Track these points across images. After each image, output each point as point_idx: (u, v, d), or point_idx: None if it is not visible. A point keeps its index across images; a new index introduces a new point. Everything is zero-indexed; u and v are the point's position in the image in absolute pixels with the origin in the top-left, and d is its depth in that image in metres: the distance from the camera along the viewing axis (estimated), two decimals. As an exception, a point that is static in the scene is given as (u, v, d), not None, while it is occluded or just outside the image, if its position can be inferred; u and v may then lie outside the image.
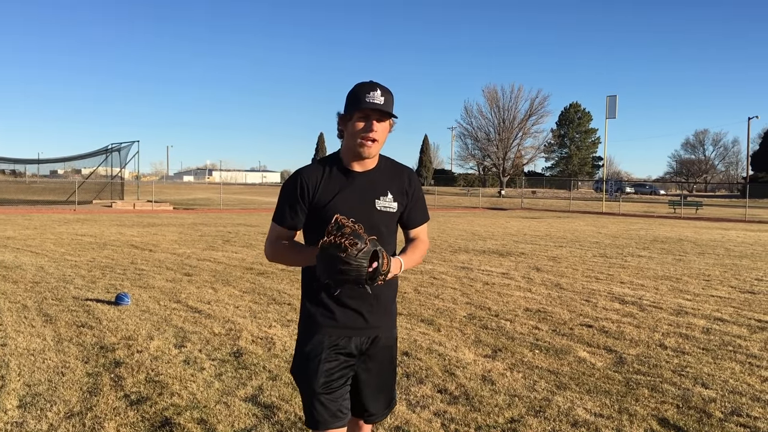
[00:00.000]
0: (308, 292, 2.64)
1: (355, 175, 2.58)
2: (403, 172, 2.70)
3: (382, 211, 2.58)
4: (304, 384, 2.59)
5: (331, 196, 2.54)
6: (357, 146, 2.52)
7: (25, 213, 27.08)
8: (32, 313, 7.10)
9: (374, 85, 2.49)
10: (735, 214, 36.80)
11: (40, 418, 4.12)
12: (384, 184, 2.62)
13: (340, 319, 2.58)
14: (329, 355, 2.56)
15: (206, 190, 68.56)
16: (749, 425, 4.19)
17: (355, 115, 2.50)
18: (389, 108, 2.51)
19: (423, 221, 2.77)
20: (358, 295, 2.54)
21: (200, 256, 12.54)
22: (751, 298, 8.80)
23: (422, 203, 2.76)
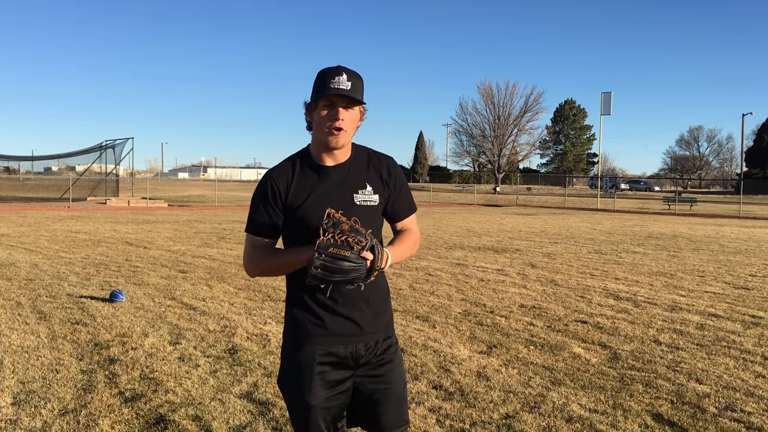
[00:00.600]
0: (294, 298, 2.44)
1: (328, 171, 2.38)
2: (382, 161, 2.48)
3: (362, 206, 2.37)
4: (296, 398, 2.38)
5: (305, 196, 2.35)
6: (324, 137, 2.31)
7: (19, 210, 27.00)
8: (26, 310, 7.08)
9: (339, 70, 2.28)
10: (729, 211, 36.92)
11: (34, 415, 4.11)
12: (361, 177, 2.41)
13: (331, 327, 2.36)
14: (322, 366, 2.35)
15: (201, 187, 68.46)
16: (743, 420, 4.21)
17: (320, 103, 2.30)
18: (357, 94, 2.30)
19: (409, 212, 2.54)
20: (348, 300, 2.35)
21: (195, 253, 12.52)
22: (745, 294, 8.84)
23: (407, 193, 2.53)
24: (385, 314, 2.49)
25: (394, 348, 2.50)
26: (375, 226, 2.40)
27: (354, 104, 2.31)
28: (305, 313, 2.39)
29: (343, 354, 2.36)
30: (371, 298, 2.40)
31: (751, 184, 58.11)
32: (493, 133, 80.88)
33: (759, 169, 78.03)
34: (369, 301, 2.40)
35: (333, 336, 2.36)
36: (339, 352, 2.36)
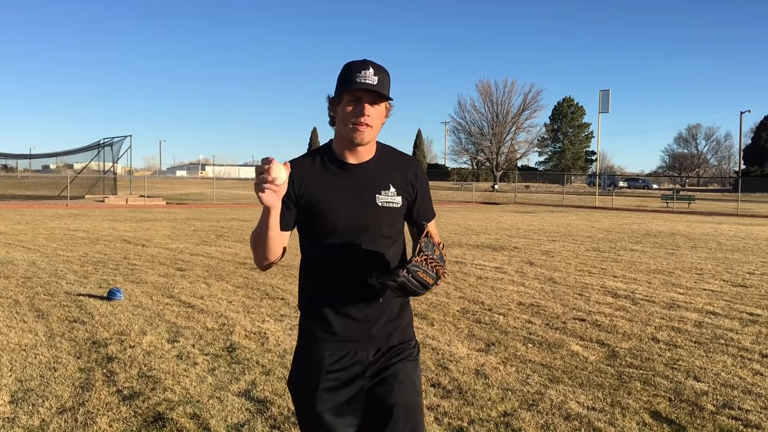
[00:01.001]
0: (305, 303, 2.36)
1: (350, 168, 2.27)
2: (408, 162, 2.38)
3: (384, 207, 2.27)
4: (303, 403, 2.30)
5: (323, 193, 2.24)
6: (348, 133, 2.21)
7: (17, 208, 26.96)
8: (24, 308, 7.07)
9: (366, 63, 2.18)
10: (727, 208, 36.94)
11: (31, 413, 4.10)
12: (385, 177, 2.29)
13: (341, 331, 2.27)
14: (331, 372, 2.26)
15: (199, 184, 68.40)
16: (741, 418, 4.21)
17: (344, 98, 2.19)
18: (384, 89, 2.19)
19: (432, 217, 2.44)
20: (362, 305, 2.26)
21: (193, 251, 12.51)
22: (743, 292, 8.85)
23: (429, 198, 2.45)
24: (401, 318, 2.37)
25: (409, 353, 2.37)
26: (397, 229, 2.34)
27: (380, 100, 2.21)
28: (316, 317, 2.31)
29: (353, 359, 2.27)
30: (389, 302, 2.31)
31: (749, 182, 58.13)
32: (491, 131, 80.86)
33: (757, 166, 78.19)
34: (386, 305, 2.31)
35: (344, 341, 2.28)
36: (349, 358, 2.27)
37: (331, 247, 2.27)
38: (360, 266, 2.24)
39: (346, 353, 2.28)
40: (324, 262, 2.30)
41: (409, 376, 2.34)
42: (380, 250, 2.28)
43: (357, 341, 2.28)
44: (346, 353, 2.28)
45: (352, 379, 2.27)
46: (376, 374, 2.30)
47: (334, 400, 2.25)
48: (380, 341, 2.30)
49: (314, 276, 2.33)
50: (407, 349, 2.37)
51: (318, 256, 2.32)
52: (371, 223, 2.25)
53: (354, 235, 2.25)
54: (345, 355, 2.28)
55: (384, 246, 2.29)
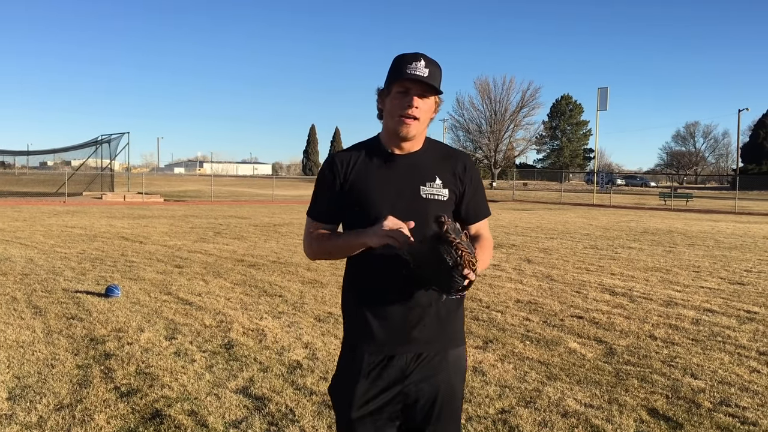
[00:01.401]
0: (345, 300, 2.31)
1: (396, 158, 2.21)
2: (457, 156, 2.30)
3: (429, 199, 2.18)
4: (340, 407, 2.24)
5: (367, 183, 2.19)
6: (395, 125, 2.15)
7: (15, 205, 26.92)
8: (21, 305, 7.07)
9: (418, 56, 2.13)
10: (725, 206, 37.00)
11: (29, 410, 4.10)
12: (431, 169, 2.22)
13: (379, 335, 2.18)
14: (369, 377, 2.18)
15: (197, 182, 68.32)
16: (738, 415, 4.22)
17: (393, 89, 2.14)
18: (434, 82, 2.12)
19: (485, 215, 2.37)
20: (403, 302, 2.17)
21: (191, 248, 12.50)
22: (740, 289, 8.86)
23: (482, 194, 2.34)
24: (449, 324, 2.26)
25: (455, 360, 2.27)
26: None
27: (430, 92, 2.15)
28: (356, 319, 2.25)
29: (393, 364, 2.19)
30: (435, 305, 2.20)
31: (747, 180, 58.19)
32: (489, 129, 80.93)
33: (755, 164, 78.29)
34: (434, 310, 2.20)
35: (383, 344, 2.19)
36: (388, 362, 2.19)
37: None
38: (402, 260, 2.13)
39: (385, 357, 2.19)
40: (365, 256, 2.21)
41: (450, 389, 2.25)
42: None
43: (397, 344, 2.19)
44: (385, 357, 2.19)
45: (390, 384, 2.19)
46: (416, 382, 2.20)
47: (371, 406, 2.18)
48: (422, 346, 2.20)
49: (356, 274, 2.27)
50: (453, 357, 2.27)
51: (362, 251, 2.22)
52: (415, 215, 2.13)
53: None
54: (383, 360, 2.19)
55: None
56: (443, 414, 2.23)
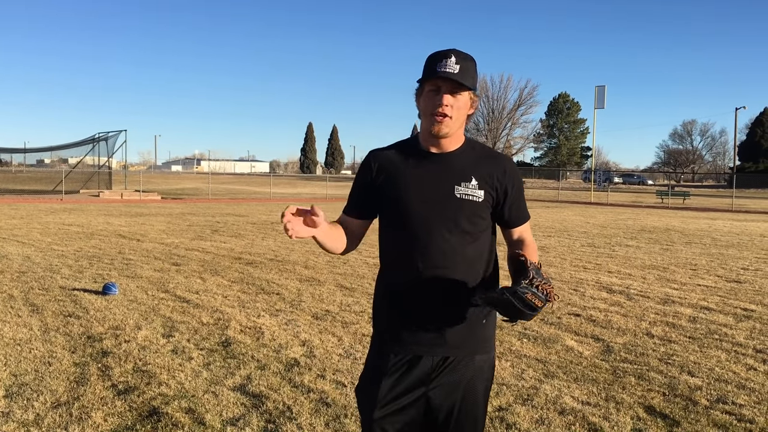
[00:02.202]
0: (376, 299, 2.31)
1: (432, 157, 2.18)
2: (498, 157, 2.25)
3: (463, 199, 2.14)
4: (364, 407, 2.24)
5: (400, 179, 2.18)
6: (428, 124, 2.13)
7: (12, 202, 26.87)
8: (18, 302, 7.05)
9: (449, 53, 2.10)
10: (722, 204, 37.06)
11: (26, 407, 4.09)
12: (467, 169, 2.17)
13: (406, 335, 2.17)
14: (392, 377, 2.17)
15: (194, 179, 68.24)
16: (734, 412, 4.23)
17: (425, 88, 2.13)
18: (466, 78, 2.09)
19: (525, 219, 2.31)
20: (432, 303, 2.16)
21: (188, 246, 12.49)
22: (737, 287, 8.88)
23: (522, 198, 2.31)
24: (479, 329, 2.23)
25: (481, 366, 2.25)
26: (479, 227, 2.20)
27: (461, 89, 2.11)
28: (381, 318, 2.26)
29: (418, 365, 2.17)
30: (460, 302, 2.17)
31: (744, 178, 58.35)
32: (487, 127, 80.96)
33: (752, 162, 78.38)
34: (461, 310, 2.17)
35: (409, 345, 2.18)
36: (414, 363, 2.17)
37: (405, 238, 2.19)
38: (433, 260, 2.15)
39: (412, 358, 2.18)
40: (397, 254, 2.22)
41: (473, 396, 2.23)
42: (457, 245, 2.16)
43: (424, 346, 2.17)
44: (412, 358, 2.18)
45: (414, 385, 2.17)
46: (441, 385, 2.18)
47: (393, 407, 2.17)
48: (449, 349, 2.17)
49: (386, 273, 2.27)
50: (479, 363, 2.24)
51: (391, 248, 2.25)
52: (448, 214, 2.14)
53: (429, 225, 2.16)
54: (410, 360, 2.18)
55: (461, 241, 2.17)
56: (465, 420, 2.21)
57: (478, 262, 2.21)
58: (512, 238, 2.30)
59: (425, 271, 2.15)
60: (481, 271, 2.23)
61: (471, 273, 2.19)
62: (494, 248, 2.29)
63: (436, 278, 2.14)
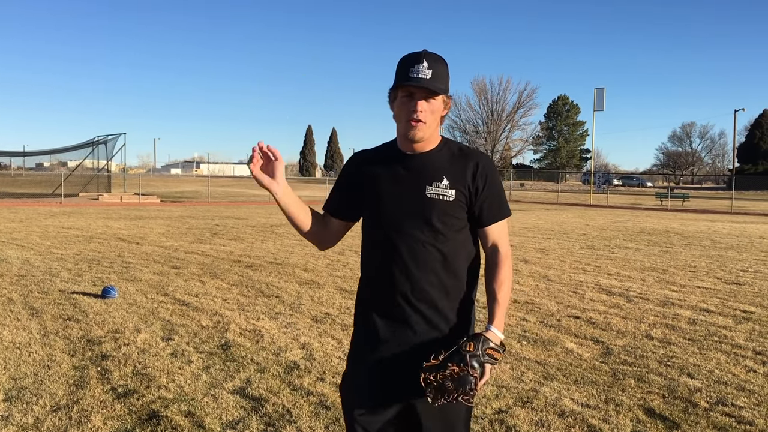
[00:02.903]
0: (357, 303, 2.36)
1: (407, 158, 2.23)
2: (472, 156, 2.25)
3: (433, 198, 2.18)
4: (345, 405, 2.31)
5: (376, 182, 2.25)
6: (403, 129, 2.18)
7: (11, 206, 26.86)
8: (18, 306, 7.05)
9: (420, 57, 2.12)
10: (721, 206, 37.06)
11: (26, 411, 4.09)
12: (440, 168, 2.20)
13: (385, 334, 2.22)
14: (372, 375, 2.22)
15: (194, 182, 68.23)
16: (734, 414, 4.23)
17: (399, 94, 2.16)
18: (439, 83, 2.13)
19: (499, 217, 2.27)
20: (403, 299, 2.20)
21: (188, 249, 12.48)
22: (737, 289, 8.88)
23: (497, 194, 2.26)
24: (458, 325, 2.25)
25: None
26: (451, 226, 2.21)
27: (435, 94, 2.15)
28: (361, 318, 2.31)
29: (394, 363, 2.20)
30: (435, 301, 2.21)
31: (743, 180, 58.40)
32: (486, 129, 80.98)
33: (751, 164, 78.48)
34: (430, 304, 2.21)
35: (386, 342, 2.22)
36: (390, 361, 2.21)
37: (380, 238, 2.25)
38: (406, 259, 2.20)
39: (390, 353, 2.21)
40: (373, 254, 2.28)
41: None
42: (429, 244, 2.20)
43: (402, 342, 2.21)
44: (390, 353, 2.21)
45: (390, 383, 2.20)
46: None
47: (372, 402, 2.22)
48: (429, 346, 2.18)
49: (366, 271, 2.33)
50: None
51: (369, 248, 2.31)
52: (419, 214, 2.18)
53: (401, 224, 2.21)
54: (385, 359, 2.21)
55: (433, 241, 2.20)
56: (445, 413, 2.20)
57: (452, 260, 2.23)
58: (486, 243, 2.29)
59: (399, 270, 2.21)
60: (458, 269, 2.25)
61: (448, 272, 2.23)
62: (474, 247, 2.30)
63: (410, 280, 2.19)
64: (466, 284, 2.27)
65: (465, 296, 2.27)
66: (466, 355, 2.05)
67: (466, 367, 2.03)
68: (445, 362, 2.05)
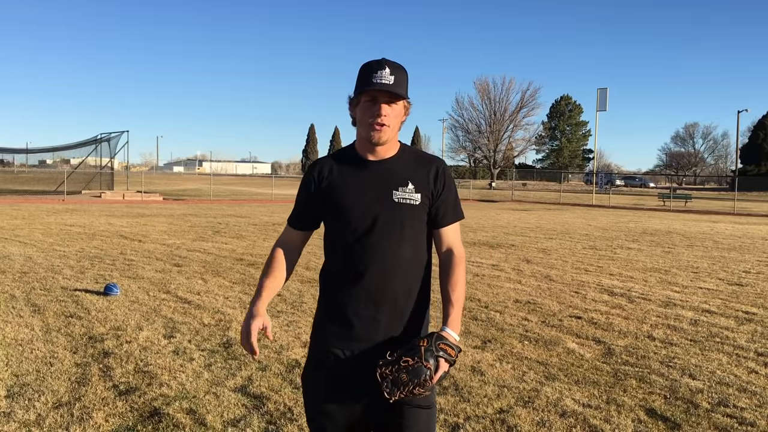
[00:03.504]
0: (320, 296, 2.40)
1: (369, 164, 2.29)
2: (432, 162, 2.35)
3: (401, 203, 2.25)
4: (307, 398, 2.37)
5: (340, 189, 2.29)
6: (366, 133, 2.24)
7: (14, 203, 26.90)
8: (20, 303, 7.06)
9: (382, 63, 2.21)
10: (724, 207, 37.01)
11: (28, 408, 4.10)
12: (404, 174, 2.28)
13: (346, 328, 2.27)
14: (335, 369, 2.27)
15: (196, 180, 68.28)
16: (736, 415, 4.23)
17: (362, 99, 2.23)
18: (400, 89, 2.22)
19: (455, 219, 2.37)
20: (371, 301, 2.25)
21: (190, 247, 12.50)
22: (739, 290, 8.87)
23: (453, 198, 2.36)
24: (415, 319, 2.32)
25: None
26: (417, 229, 2.30)
27: (397, 99, 2.23)
28: (323, 312, 2.36)
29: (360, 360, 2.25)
30: (398, 301, 2.28)
31: (746, 181, 58.28)
32: (489, 129, 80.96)
33: (754, 165, 78.32)
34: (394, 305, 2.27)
35: (348, 340, 2.27)
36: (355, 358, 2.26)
37: (347, 243, 2.28)
38: (375, 263, 2.25)
39: (354, 352, 2.26)
40: (340, 260, 2.31)
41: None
42: (397, 248, 2.26)
43: (365, 341, 2.26)
44: (354, 352, 2.26)
45: (357, 377, 2.24)
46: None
47: (334, 398, 2.27)
48: (389, 345, 2.24)
49: (330, 272, 2.36)
50: None
51: (334, 251, 2.34)
52: (386, 218, 2.24)
53: (369, 229, 2.25)
54: (353, 355, 2.26)
55: (401, 244, 2.27)
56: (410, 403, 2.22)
57: (417, 262, 2.33)
58: (441, 245, 2.36)
59: (367, 274, 2.25)
60: (421, 270, 2.34)
61: (411, 274, 2.31)
62: (429, 249, 2.39)
63: (378, 281, 2.25)
64: (424, 285, 2.36)
65: (424, 297, 2.36)
66: (420, 349, 2.12)
67: (420, 359, 2.09)
68: (401, 356, 2.12)
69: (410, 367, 2.09)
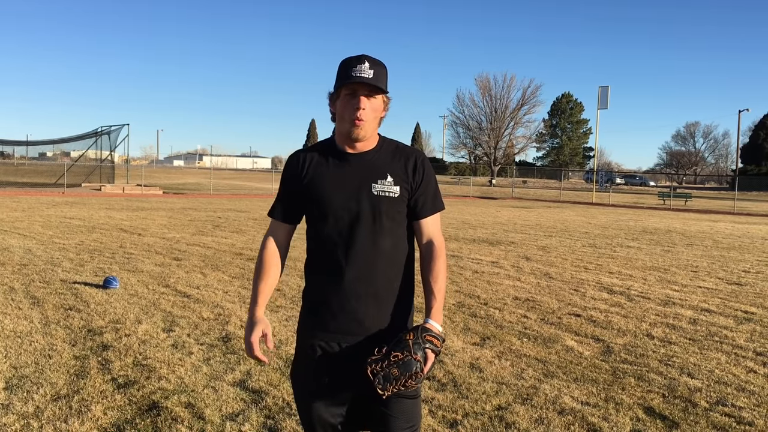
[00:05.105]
0: (304, 290, 2.43)
1: (349, 157, 2.31)
2: (410, 154, 2.36)
3: (380, 196, 2.27)
4: (297, 392, 2.42)
5: (321, 182, 2.30)
6: (346, 127, 2.25)
7: (13, 195, 26.89)
8: (19, 295, 7.06)
9: (362, 58, 2.22)
10: (724, 207, 37.01)
11: (26, 400, 4.10)
12: (383, 167, 2.31)
13: (330, 322, 2.30)
14: (321, 362, 2.30)
15: (196, 175, 68.25)
16: (734, 415, 4.23)
17: (342, 92, 2.25)
18: (380, 83, 2.23)
19: (434, 210, 2.38)
20: (350, 296, 2.28)
21: (189, 241, 12.49)
22: (738, 290, 8.87)
23: (433, 189, 2.38)
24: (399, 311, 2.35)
25: None
26: (397, 221, 2.32)
27: (376, 93, 2.25)
28: (308, 305, 2.39)
29: (346, 352, 2.28)
30: (379, 293, 2.30)
31: (746, 181, 58.28)
32: (489, 126, 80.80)
33: (754, 165, 78.26)
34: (376, 297, 2.30)
35: (333, 332, 2.30)
36: (342, 350, 2.29)
37: (329, 236, 2.31)
38: (356, 256, 2.28)
39: (339, 345, 2.30)
40: (322, 252, 2.34)
41: None
42: (378, 240, 2.30)
43: (349, 334, 2.30)
44: (339, 345, 2.30)
45: (343, 370, 2.29)
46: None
47: (324, 392, 2.31)
48: (374, 338, 2.27)
49: (313, 266, 2.39)
50: None
51: (316, 244, 2.37)
52: (366, 211, 2.27)
53: (350, 222, 2.28)
54: (338, 348, 2.30)
55: (382, 236, 2.30)
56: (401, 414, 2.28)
57: (398, 254, 2.35)
58: (422, 236, 2.38)
59: (349, 266, 2.28)
60: (401, 263, 2.36)
61: (393, 266, 2.34)
62: (409, 241, 2.40)
63: (359, 273, 2.27)
64: (407, 276, 2.38)
65: (407, 288, 2.39)
66: (408, 342, 2.16)
67: (409, 352, 2.13)
68: (389, 352, 2.15)
69: (400, 362, 2.12)
